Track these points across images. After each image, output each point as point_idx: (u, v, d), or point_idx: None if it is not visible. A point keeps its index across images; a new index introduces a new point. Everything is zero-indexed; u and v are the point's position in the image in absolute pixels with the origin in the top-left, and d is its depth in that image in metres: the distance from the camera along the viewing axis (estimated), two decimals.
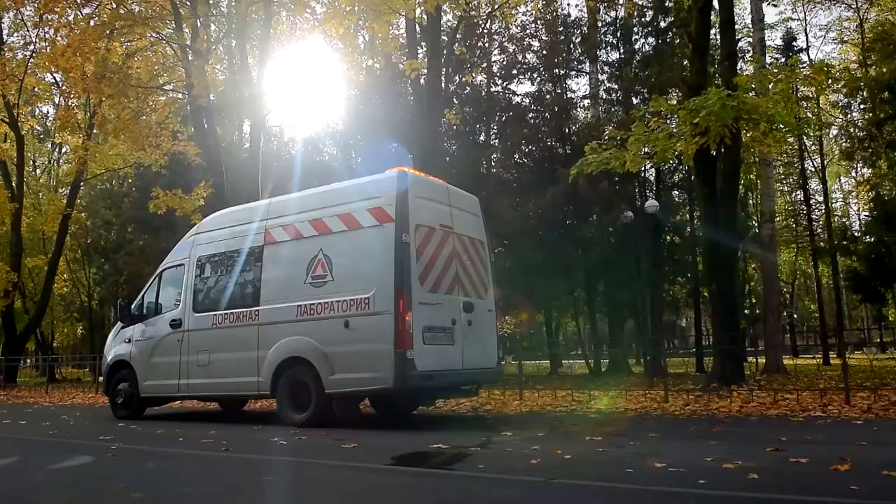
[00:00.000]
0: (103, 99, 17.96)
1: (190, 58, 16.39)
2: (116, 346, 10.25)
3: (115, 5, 16.61)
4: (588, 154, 10.99)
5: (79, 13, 18.35)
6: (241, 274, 8.84)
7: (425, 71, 17.72)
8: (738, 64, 18.18)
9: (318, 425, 7.53)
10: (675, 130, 10.33)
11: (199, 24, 16.60)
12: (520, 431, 6.79)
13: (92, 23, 17.49)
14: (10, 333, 23.71)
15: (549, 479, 4.26)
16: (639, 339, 23.89)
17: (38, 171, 34.62)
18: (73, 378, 26.91)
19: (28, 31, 24.32)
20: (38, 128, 33.15)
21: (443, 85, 18.32)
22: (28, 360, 29.43)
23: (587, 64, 25.28)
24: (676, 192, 25.25)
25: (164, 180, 21.07)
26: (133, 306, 10.17)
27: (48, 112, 33.27)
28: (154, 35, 18.09)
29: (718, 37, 16.90)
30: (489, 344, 8.60)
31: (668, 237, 23.57)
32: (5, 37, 25.73)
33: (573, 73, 26.14)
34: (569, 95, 25.51)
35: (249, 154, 18.06)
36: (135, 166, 24.84)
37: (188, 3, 16.26)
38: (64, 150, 33.74)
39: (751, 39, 21.89)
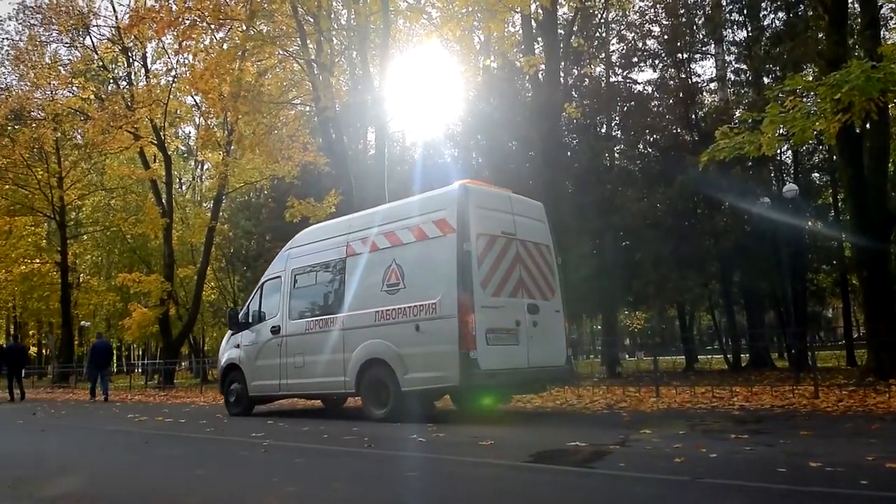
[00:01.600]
0: (239, 117, 19.05)
1: (315, 71, 17.13)
2: (228, 350, 11.38)
3: (245, 27, 17.58)
4: (719, 139, 10.50)
5: (213, 37, 19.63)
6: (327, 284, 9.80)
7: (543, 66, 17.61)
8: (881, 32, 16.81)
9: (397, 420, 8.15)
10: (813, 109, 9.71)
11: (322, 38, 17.31)
12: (659, 429, 6.61)
13: (226, 46, 18.65)
14: (167, 338, 25.73)
15: (695, 479, 4.13)
16: (781, 331, 22.57)
17: (183, 187, 37.29)
18: None
19: (169, 57, 26.32)
20: (183, 147, 35.72)
21: (561, 79, 18.16)
22: (182, 363, 31.71)
23: (712, 45, 24.14)
24: (817, 175, 23.69)
25: (296, 190, 22.06)
26: (240, 315, 11.29)
27: (190, 132, 35.88)
28: (282, 52, 18.98)
29: (857, 5, 15.71)
30: (556, 343, 8.99)
31: (810, 223, 22.14)
32: (150, 65, 28.00)
33: (697, 56, 25.05)
34: (694, 80, 24.43)
35: (374, 160, 18.62)
36: (270, 178, 26.19)
37: (311, 20, 16.97)
38: (206, 166, 36.29)
39: (893, 5, 20.17)
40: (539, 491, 4.19)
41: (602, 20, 24.94)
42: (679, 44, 23.26)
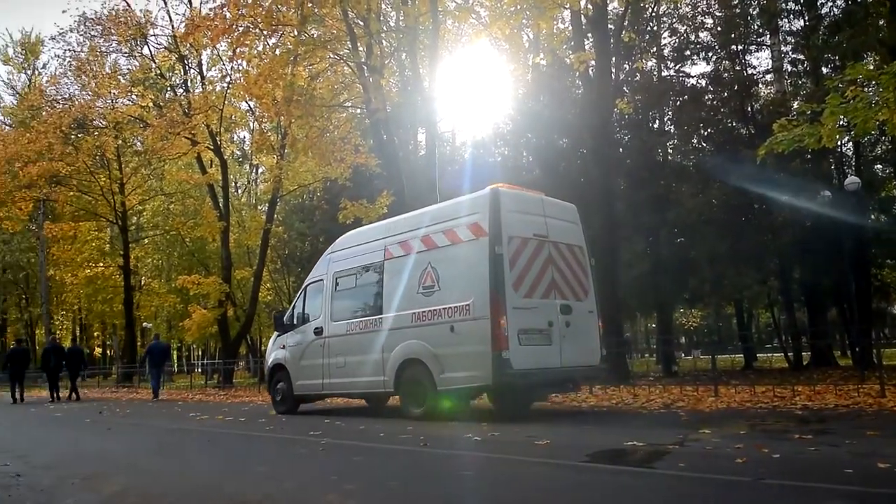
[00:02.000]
0: (292, 120, 19.37)
1: (366, 74, 17.30)
2: (275, 351, 11.80)
3: (297, 32, 17.86)
4: (777, 132, 10.26)
5: (266, 43, 20.00)
6: (367, 286, 10.11)
7: (593, 62, 17.43)
8: None
9: (433, 419, 8.43)
10: (875, 98, 9.39)
11: (372, 41, 17.47)
12: (718, 429, 6.50)
13: (278, 51, 18.98)
14: (225, 339, 26.29)
15: (758, 479, 4.06)
16: (844, 329, 21.87)
17: (239, 191, 37.99)
18: None
19: (224, 64, 26.91)
20: (238, 152, 36.45)
21: (612, 74, 17.94)
22: (240, 363, 32.38)
23: (768, 36, 23.54)
24: (880, 166, 22.95)
25: (349, 192, 22.29)
26: (285, 317, 11.71)
27: (245, 137, 36.61)
28: (333, 56, 19.21)
29: None
30: (590, 343, 9.11)
31: (873, 216, 21.40)
32: (205, 72, 28.68)
33: (752, 47, 24.45)
34: (749, 72, 23.89)
35: (425, 160, 18.72)
36: (322, 180, 26.49)
37: (361, 23, 17.15)
38: (260, 170, 36.95)
39: None
40: (597, 491, 4.17)
41: (653, 13, 24.55)
42: (733, 35, 22.77)
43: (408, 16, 17.18)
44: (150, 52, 27.31)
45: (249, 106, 26.81)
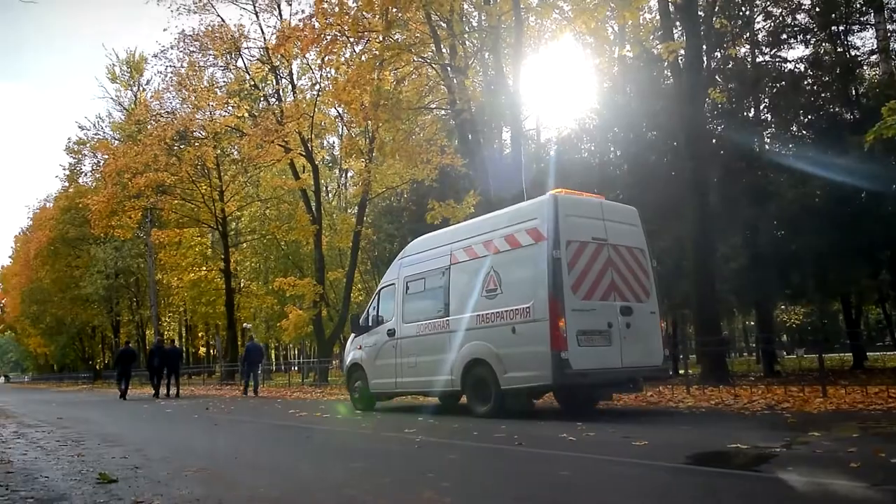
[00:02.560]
0: (380, 124, 19.77)
1: (450, 75, 17.44)
2: (352, 351, 12.43)
3: (382, 38, 18.19)
4: (886, 116, 9.71)
5: (353, 50, 20.48)
6: (435, 290, 10.54)
7: (682, 51, 16.93)
8: None
9: (497, 416, 8.71)
10: None
11: (455, 42, 17.58)
12: (828, 432, 6.18)
13: (364, 57, 19.38)
14: (320, 338, 27.07)
15: (873, 485, 3.85)
16: None
17: (330, 195, 39.02)
18: None
19: (313, 72, 27.75)
20: (328, 157, 37.46)
21: (703, 63, 17.36)
22: (334, 362, 33.22)
23: (871, 15, 22.17)
24: None
25: (436, 192, 22.49)
26: (361, 319, 12.36)
27: (334, 142, 37.57)
28: (417, 59, 19.47)
29: None
30: (652, 343, 9.25)
31: None
32: (296, 81, 29.61)
33: (855, 27, 23.10)
34: (852, 53, 22.60)
35: (511, 159, 18.66)
36: (410, 182, 26.90)
37: (444, 25, 17.29)
38: (350, 174, 37.83)
39: None
40: (700, 495, 4.06)
41: None
42: (833, 16, 21.58)
43: (490, 15, 17.19)
44: (244, 64, 28.43)
45: (338, 112, 27.45)
